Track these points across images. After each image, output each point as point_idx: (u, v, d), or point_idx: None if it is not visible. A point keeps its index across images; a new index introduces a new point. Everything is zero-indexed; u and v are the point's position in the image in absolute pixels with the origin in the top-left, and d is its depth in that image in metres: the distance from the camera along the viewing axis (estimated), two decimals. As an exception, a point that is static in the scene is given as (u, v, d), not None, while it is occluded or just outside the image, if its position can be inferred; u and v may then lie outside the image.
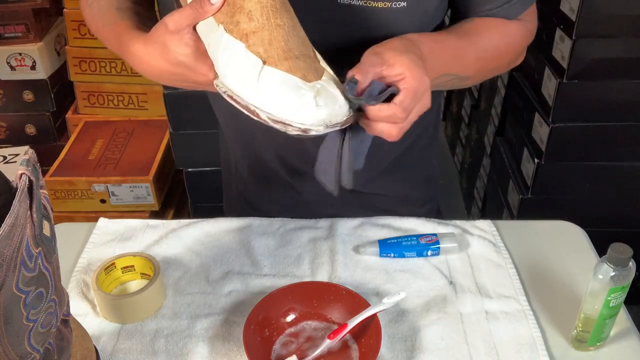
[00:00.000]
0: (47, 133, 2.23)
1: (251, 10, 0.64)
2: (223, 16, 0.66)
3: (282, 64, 0.64)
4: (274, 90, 0.63)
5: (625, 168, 1.62)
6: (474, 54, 0.79)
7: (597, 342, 0.77)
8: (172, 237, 0.94)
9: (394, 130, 0.67)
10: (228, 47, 0.65)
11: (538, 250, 0.94)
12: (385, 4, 0.75)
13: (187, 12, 0.66)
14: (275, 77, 0.63)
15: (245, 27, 0.64)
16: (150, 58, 0.70)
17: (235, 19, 0.65)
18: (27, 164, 0.48)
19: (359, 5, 0.76)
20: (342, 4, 0.76)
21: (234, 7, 0.65)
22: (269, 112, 0.64)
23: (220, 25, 0.65)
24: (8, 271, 0.45)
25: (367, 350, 0.75)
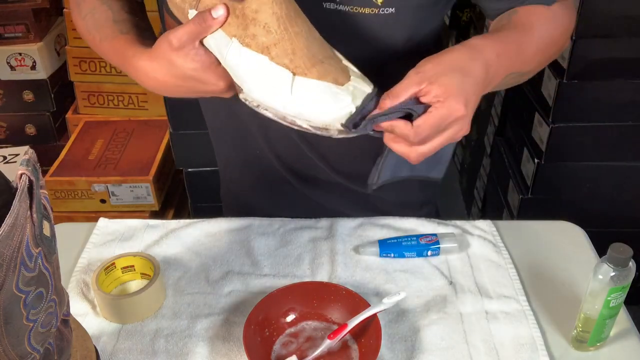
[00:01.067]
0: (47, 133, 2.23)
1: (267, 22, 0.63)
2: (234, 29, 0.65)
3: (311, 71, 0.65)
4: (311, 99, 0.64)
5: (625, 168, 1.62)
6: (534, 46, 0.76)
7: (597, 342, 0.77)
8: (172, 237, 0.94)
9: (411, 154, 0.65)
10: (250, 61, 0.65)
11: (538, 250, 0.94)
12: (372, 9, 0.75)
13: (190, 28, 0.65)
14: (309, 86, 0.64)
15: (264, 40, 0.64)
16: (157, 74, 0.69)
17: (250, 32, 0.64)
18: (27, 164, 0.48)
19: (346, 10, 0.75)
20: (329, 9, 0.75)
21: (245, 19, 0.64)
22: (310, 120, 0.65)
23: (233, 38, 0.65)
24: (8, 271, 0.45)
25: (367, 350, 0.75)
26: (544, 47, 0.78)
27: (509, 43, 0.73)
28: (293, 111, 0.65)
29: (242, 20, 0.64)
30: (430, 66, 0.65)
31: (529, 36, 0.76)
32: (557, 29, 0.79)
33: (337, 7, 0.75)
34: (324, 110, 0.64)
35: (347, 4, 0.75)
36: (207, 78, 0.68)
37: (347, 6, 0.75)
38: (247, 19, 0.64)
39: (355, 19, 0.76)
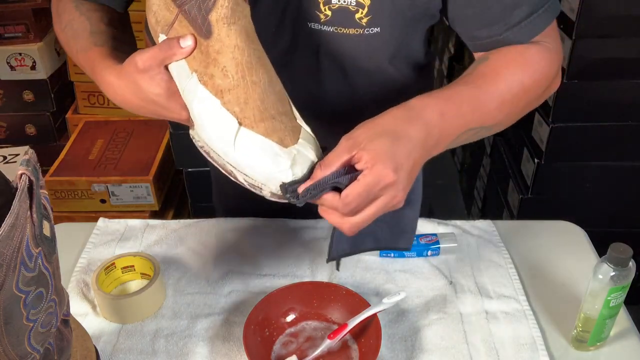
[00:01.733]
0: (47, 133, 2.23)
1: (225, 66, 0.62)
2: (197, 63, 0.63)
3: (259, 125, 0.63)
4: (250, 154, 0.63)
5: (625, 168, 1.62)
6: (497, 99, 0.71)
7: (597, 342, 0.77)
8: (172, 237, 0.94)
9: (344, 225, 0.63)
10: (203, 100, 0.63)
11: (538, 250, 0.94)
12: (357, 30, 0.74)
13: (155, 53, 0.64)
14: (252, 140, 0.63)
15: (220, 82, 0.63)
16: (123, 92, 0.68)
17: (209, 71, 0.63)
18: (27, 164, 0.48)
19: (330, 31, 0.75)
20: (314, 29, 0.75)
21: (208, 57, 0.63)
22: (246, 175, 0.64)
23: (194, 73, 0.64)
24: (8, 271, 0.45)
25: (367, 350, 0.75)
26: (512, 97, 0.72)
27: (461, 100, 0.69)
28: (232, 161, 0.64)
29: (205, 57, 0.63)
30: (362, 131, 0.63)
31: (491, 88, 0.71)
32: (531, 77, 0.73)
33: (321, 27, 0.74)
34: (261, 168, 0.63)
35: (332, 25, 0.74)
36: (170, 106, 0.67)
37: (332, 27, 0.74)
38: (209, 58, 0.62)
39: (340, 40, 0.75)
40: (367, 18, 0.73)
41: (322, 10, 0.73)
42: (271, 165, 0.62)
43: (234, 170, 0.64)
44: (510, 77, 0.72)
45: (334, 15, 0.73)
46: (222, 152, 0.64)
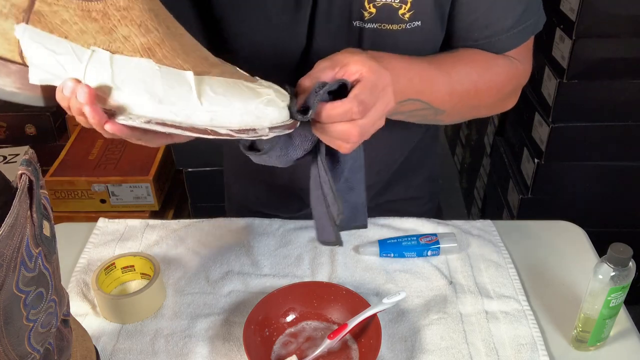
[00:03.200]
0: (47, 133, 2.23)
1: (142, 20, 0.54)
2: (91, 35, 0.53)
3: (212, 71, 0.56)
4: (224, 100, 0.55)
5: (625, 168, 1.62)
6: (447, 85, 0.73)
7: (597, 342, 0.77)
8: (172, 237, 0.94)
9: (354, 130, 0.59)
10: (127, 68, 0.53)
11: (538, 250, 0.94)
12: (400, 25, 0.74)
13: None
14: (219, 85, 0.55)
15: (143, 40, 0.54)
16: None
17: (118, 34, 0.53)
18: (27, 164, 0.48)
19: (374, 28, 0.75)
20: (357, 27, 0.75)
21: (108, 19, 0.53)
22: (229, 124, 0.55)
23: (92, 47, 0.53)
24: (8, 271, 0.45)
25: (367, 350, 0.75)
26: (463, 90, 0.74)
27: (414, 65, 0.70)
28: (203, 118, 0.54)
29: (104, 21, 0.53)
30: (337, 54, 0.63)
31: (443, 72, 0.73)
32: (486, 80, 0.76)
33: (365, 25, 0.75)
34: (244, 108, 0.55)
35: (375, 22, 0.75)
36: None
37: (376, 24, 0.75)
38: (112, 20, 0.53)
39: (383, 36, 0.75)
40: (409, 13, 0.74)
41: (367, 8, 0.74)
42: (254, 100, 0.55)
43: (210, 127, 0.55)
44: (466, 72, 0.75)
45: (378, 12, 0.74)
46: (185, 114, 0.54)
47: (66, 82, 0.54)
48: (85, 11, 0.52)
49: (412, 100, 0.71)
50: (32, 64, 0.54)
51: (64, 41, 0.53)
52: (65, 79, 0.54)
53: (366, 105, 0.59)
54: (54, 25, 0.53)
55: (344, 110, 0.59)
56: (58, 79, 0.54)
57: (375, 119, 0.61)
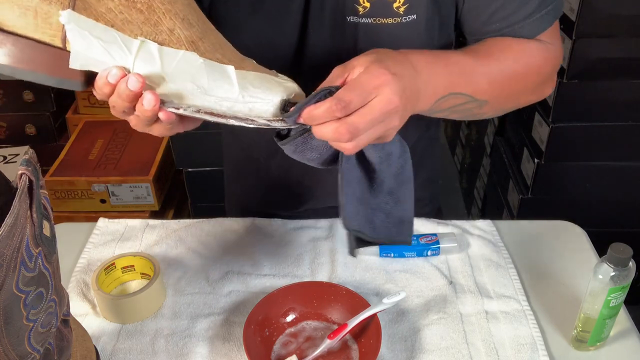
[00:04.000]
0: (47, 133, 2.23)
1: (185, 14, 0.56)
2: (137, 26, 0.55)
3: (245, 65, 0.59)
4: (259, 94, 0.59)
5: (625, 168, 1.62)
6: (487, 75, 0.72)
7: (597, 342, 0.77)
8: (172, 237, 0.94)
9: (341, 128, 0.58)
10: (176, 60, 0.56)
11: (538, 250, 0.94)
12: (395, 19, 0.74)
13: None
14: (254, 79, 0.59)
15: (187, 34, 0.56)
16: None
17: (164, 27, 0.55)
18: (27, 164, 0.48)
19: (369, 22, 0.75)
20: (352, 22, 0.75)
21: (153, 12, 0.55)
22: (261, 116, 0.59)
23: (140, 38, 0.55)
24: (8, 271, 0.45)
25: (367, 350, 0.75)
26: (504, 78, 0.73)
27: (449, 59, 0.69)
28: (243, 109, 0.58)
29: (149, 13, 0.55)
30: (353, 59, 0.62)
31: (480, 61, 0.71)
32: (523, 66, 0.75)
33: (360, 20, 0.75)
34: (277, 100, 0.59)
35: (370, 17, 0.74)
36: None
37: (370, 18, 0.74)
38: (156, 12, 0.55)
39: (378, 30, 0.75)
40: (404, 7, 0.74)
41: (361, 2, 0.74)
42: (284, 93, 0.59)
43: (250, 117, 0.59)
44: (504, 59, 0.73)
45: (373, 7, 0.74)
46: (227, 104, 0.58)
47: (112, 70, 0.55)
48: (130, 1, 0.54)
49: (454, 94, 0.69)
50: (75, 50, 0.54)
51: (110, 30, 0.54)
52: (111, 66, 0.55)
53: (347, 102, 0.57)
54: (99, 13, 0.54)
55: (325, 109, 0.57)
56: (100, 65, 0.55)
57: (371, 118, 0.59)
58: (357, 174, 0.70)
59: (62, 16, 0.53)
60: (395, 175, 0.71)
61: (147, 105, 0.57)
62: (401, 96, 0.60)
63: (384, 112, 0.59)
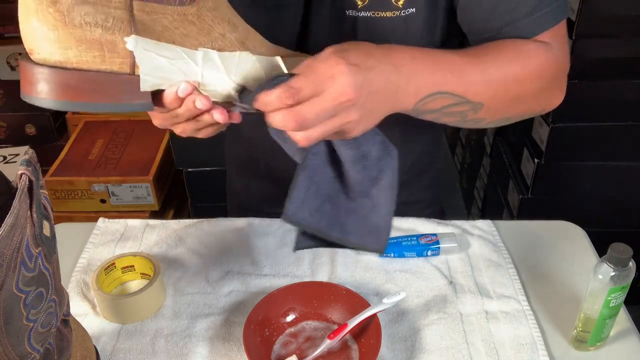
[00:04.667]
0: (47, 133, 2.23)
1: (230, 18, 0.59)
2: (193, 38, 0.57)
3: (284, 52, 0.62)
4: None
5: (625, 168, 1.62)
6: (481, 75, 0.67)
7: (597, 342, 0.77)
8: (172, 237, 0.94)
9: (288, 116, 0.56)
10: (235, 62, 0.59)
11: (538, 250, 0.94)
12: (394, 12, 0.74)
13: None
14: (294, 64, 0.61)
15: (236, 36, 0.59)
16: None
17: (215, 33, 0.58)
18: (27, 164, 0.48)
19: (367, 16, 0.75)
20: (351, 16, 0.75)
21: (203, 21, 0.57)
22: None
23: (200, 49, 0.57)
24: (8, 271, 0.45)
25: (367, 350, 0.75)
26: (500, 79, 0.69)
27: (439, 56, 0.66)
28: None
29: (200, 23, 0.57)
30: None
31: (474, 60, 0.67)
32: (524, 68, 0.70)
33: (358, 14, 0.75)
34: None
35: (369, 10, 0.74)
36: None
37: (369, 12, 0.74)
38: (206, 21, 0.57)
39: (376, 24, 0.75)
40: (402, 0, 0.73)
41: None
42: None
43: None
44: (501, 59, 0.69)
45: (372, 0, 0.74)
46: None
47: (181, 85, 0.57)
48: (182, 15, 0.55)
49: (442, 93, 0.65)
50: (145, 72, 0.55)
51: (173, 46, 0.56)
52: (179, 81, 0.57)
53: (298, 90, 0.56)
54: (157, 32, 0.55)
55: (275, 96, 0.56)
56: (166, 83, 0.57)
57: (321, 109, 0.57)
58: (328, 174, 0.69)
59: (129, 43, 0.54)
60: (372, 179, 0.69)
61: (220, 118, 0.59)
62: (358, 89, 0.57)
63: (336, 104, 0.57)
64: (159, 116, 0.64)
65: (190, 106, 0.58)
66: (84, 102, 0.55)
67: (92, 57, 0.53)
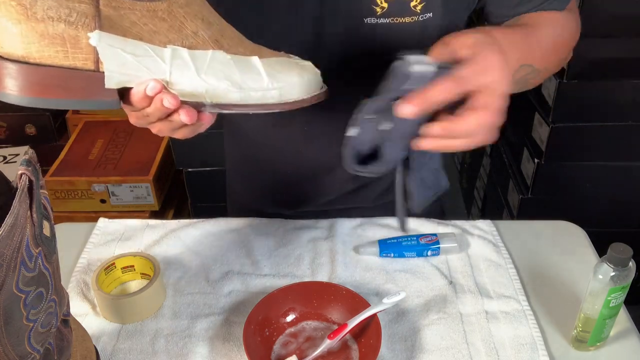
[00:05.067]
0: (47, 133, 2.23)
1: (204, 14, 0.57)
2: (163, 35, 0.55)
3: (265, 54, 0.61)
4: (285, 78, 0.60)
5: (625, 168, 1.62)
6: (542, 44, 0.75)
7: (597, 342, 0.77)
8: (172, 237, 0.94)
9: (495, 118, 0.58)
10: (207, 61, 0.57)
11: (538, 250, 0.94)
12: (412, 18, 0.75)
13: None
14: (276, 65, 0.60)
15: (210, 33, 0.57)
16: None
17: (187, 30, 0.56)
18: (27, 164, 0.48)
19: (386, 23, 0.75)
20: (369, 23, 0.75)
21: (175, 18, 0.56)
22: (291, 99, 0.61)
23: (169, 46, 0.56)
24: (8, 271, 0.45)
25: (367, 350, 0.75)
26: (553, 47, 0.78)
27: (516, 32, 0.71)
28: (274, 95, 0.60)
29: (171, 19, 0.55)
30: (450, 38, 0.62)
31: (536, 33, 0.74)
32: (560, 34, 0.80)
33: (377, 21, 0.75)
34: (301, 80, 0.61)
35: (387, 17, 0.75)
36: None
37: (387, 18, 0.75)
38: (177, 17, 0.56)
39: (395, 30, 0.75)
40: (420, 5, 0.74)
41: (379, 3, 0.74)
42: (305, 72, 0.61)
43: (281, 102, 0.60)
44: (550, 29, 0.77)
45: (390, 7, 0.74)
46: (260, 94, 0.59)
47: (149, 83, 0.55)
48: (151, 11, 0.54)
49: (523, 66, 0.71)
50: (110, 69, 0.54)
51: (140, 43, 0.54)
52: (147, 79, 0.55)
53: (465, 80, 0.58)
54: (125, 28, 0.54)
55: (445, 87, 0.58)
56: (135, 80, 0.55)
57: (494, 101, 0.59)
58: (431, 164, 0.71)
59: (92, 38, 0.53)
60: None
61: (186, 119, 0.58)
62: (507, 77, 0.60)
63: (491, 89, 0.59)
64: (133, 114, 0.62)
65: (159, 105, 0.57)
66: (49, 98, 0.54)
67: (55, 52, 0.52)
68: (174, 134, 0.64)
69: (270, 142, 0.93)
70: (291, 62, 0.63)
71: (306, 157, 0.91)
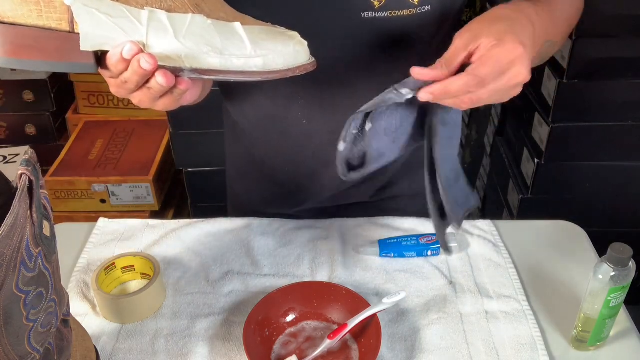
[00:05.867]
0: (47, 133, 2.23)
1: None
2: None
3: (247, 21, 0.59)
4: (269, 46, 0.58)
5: (625, 168, 1.62)
6: (561, 17, 0.77)
7: (597, 342, 0.77)
8: (172, 237, 0.94)
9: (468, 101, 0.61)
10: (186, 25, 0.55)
11: (538, 250, 0.94)
12: (410, 10, 0.74)
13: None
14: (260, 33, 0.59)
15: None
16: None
17: None
18: (27, 164, 0.48)
19: (384, 16, 0.75)
20: (368, 18, 0.75)
21: None
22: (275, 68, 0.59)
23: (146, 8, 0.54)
24: (8, 271, 0.45)
25: (367, 350, 0.75)
26: (569, 18, 0.80)
27: (544, 10, 0.72)
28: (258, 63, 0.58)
29: None
30: (475, 24, 0.63)
31: (556, 8, 0.76)
32: (572, 8, 0.81)
33: (375, 14, 0.75)
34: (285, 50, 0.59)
35: (385, 10, 0.74)
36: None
37: (385, 12, 0.74)
38: None
39: (393, 23, 0.75)
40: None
41: None
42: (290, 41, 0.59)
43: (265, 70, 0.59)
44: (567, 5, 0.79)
45: (388, 0, 0.74)
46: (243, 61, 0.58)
47: (126, 45, 0.53)
48: None
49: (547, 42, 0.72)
50: (85, 30, 0.52)
51: (117, 4, 0.53)
52: (124, 42, 0.53)
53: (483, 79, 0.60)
54: None
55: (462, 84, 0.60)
56: (112, 43, 0.54)
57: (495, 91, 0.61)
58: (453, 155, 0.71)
59: None
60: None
61: (162, 81, 0.56)
62: (529, 67, 0.61)
63: (510, 84, 0.61)
64: (112, 82, 0.61)
65: (137, 68, 0.55)
66: (23, 59, 0.52)
67: (29, 11, 0.51)
68: (155, 105, 0.62)
69: (269, 137, 0.92)
70: (277, 31, 0.61)
71: (305, 153, 0.91)
